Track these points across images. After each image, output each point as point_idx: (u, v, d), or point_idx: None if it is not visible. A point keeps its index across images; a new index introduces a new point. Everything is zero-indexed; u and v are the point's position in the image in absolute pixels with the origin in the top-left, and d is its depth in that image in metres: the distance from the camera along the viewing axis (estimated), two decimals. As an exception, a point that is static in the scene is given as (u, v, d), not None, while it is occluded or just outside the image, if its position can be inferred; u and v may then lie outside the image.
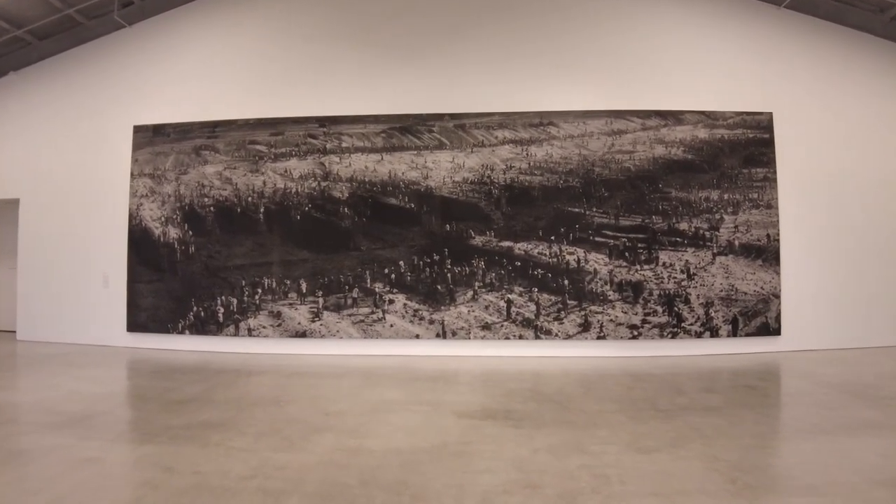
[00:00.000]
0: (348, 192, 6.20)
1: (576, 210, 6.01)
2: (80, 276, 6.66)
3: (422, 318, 6.00)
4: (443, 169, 6.14)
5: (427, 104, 6.28)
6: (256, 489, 2.38)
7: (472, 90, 6.28)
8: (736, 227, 5.99)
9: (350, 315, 6.06)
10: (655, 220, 5.99)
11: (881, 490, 2.37)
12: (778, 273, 5.98)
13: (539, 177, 6.09)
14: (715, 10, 6.43)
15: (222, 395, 4.18)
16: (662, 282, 5.92)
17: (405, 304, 6.03)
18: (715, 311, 5.89)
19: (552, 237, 5.98)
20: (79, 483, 2.43)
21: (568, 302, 5.91)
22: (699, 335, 5.88)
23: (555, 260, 5.95)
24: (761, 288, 5.94)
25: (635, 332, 5.88)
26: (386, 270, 6.06)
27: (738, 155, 6.11)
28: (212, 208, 6.34)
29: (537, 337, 5.90)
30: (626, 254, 5.95)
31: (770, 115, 6.16)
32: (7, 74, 7.12)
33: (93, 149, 6.77)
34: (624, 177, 6.05)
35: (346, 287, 6.07)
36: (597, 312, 5.90)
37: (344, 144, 6.28)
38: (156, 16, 6.86)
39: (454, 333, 5.96)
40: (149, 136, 6.56)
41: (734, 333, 5.89)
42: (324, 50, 6.52)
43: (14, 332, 7.01)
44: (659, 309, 5.89)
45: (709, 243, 5.96)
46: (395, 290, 6.04)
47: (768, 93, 6.25)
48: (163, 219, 6.41)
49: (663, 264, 5.94)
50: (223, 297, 6.18)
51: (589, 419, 3.49)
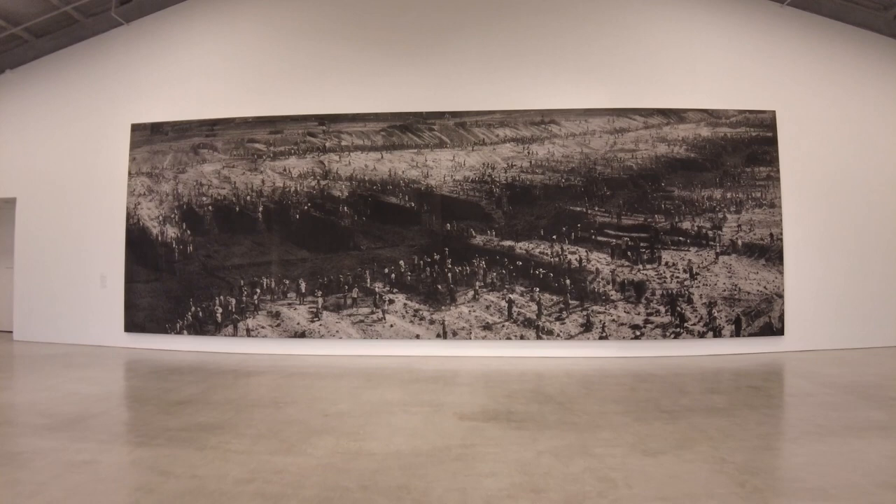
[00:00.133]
0: (348, 191, 6.15)
1: (578, 209, 5.96)
2: (77, 275, 6.61)
3: (422, 319, 5.94)
4: (443, 167, 6.09)
5: (427, 102, 6.23)
6: (254, 493, 2.33)
7: (472, 88, 6.23)
8: (739, 226, 5.95)
9: (350, 315, 6.01)
10: (658, 219, 5.94)
11: (891, 493, 2.32)
12: (781, 273, 5.93)
13: (540, 175, 6.04)
14: (718, 7, 6.38)
15: (220, 396, 4.12)
16: (665, 281, 5.87)
17: (405, 304, 5.97)
18: (718, 311, 5.84)
19: (554, 236, 5.93)
20: (72, 487, 2.37)
21: (570, 302, 5.86)
22: (702, 335, 5.84)
23: (556, 259, 5.90)
24: (764, 287, 5.90)
25: (638, 333, 5.83)
26: (386, 270, 6.01)
27: (741, 153, 6.06)
28: (210, 207, 6.28)
29: (539, 337, 5.85)
30: (629, 253, 5.90)
31: (773, 113, 6.12)
32: (3, 72, 7.07)
33: (90, 147, 6.72)
34: (626, 175, 6.00)
35: (346, 287, 6.02)
36: (599, 312, 5.85)
37: (343, 143, 6.22)
38: (153, 13, 6.81)
39: (455, 334, 5.91)
40: (146, 135, 6.50)
41: (737, 333, 5.85)
42: (323, 47, 6.47)
43: (10, 332, 6.96)
44: (661, 309, 5.84)
45: (712, 242, 5.92)
46: (395, 290, 5.99)
47: (771, 91, 6.20)
48: (161, 218, 6.36)
49: (666, 264, 5.89)
50: (221, 297, 6.13)
51: (592, 420, 3.44)
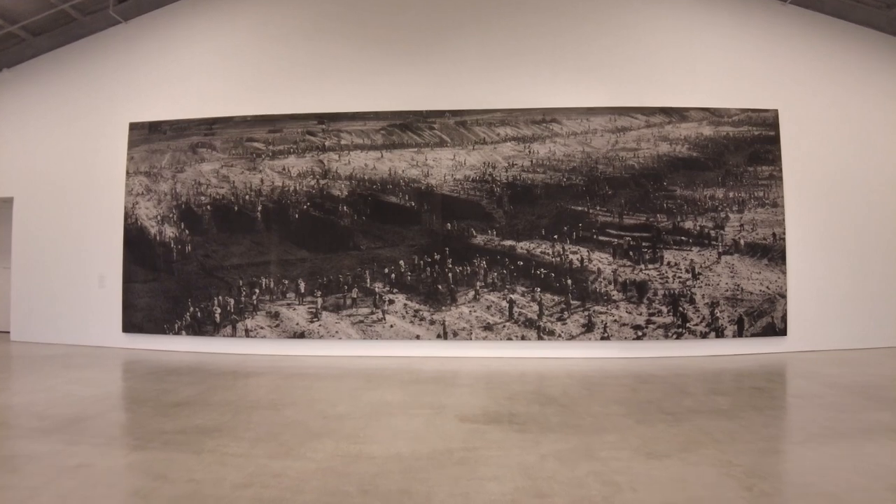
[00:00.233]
0: (347, 191, 6.10)
1: (579, 208, 5.91)
2: (74, 275, 6.56)
3: (422, 319, 5.89)
4: (444, 167, 6.04)
5: (428, 101, 6.18)
6: (252, 498, 2.28)
7: (473, 86, 6.18)
8: (741, 225, 5.90)
9: (349, 315, 5.95)
10: (660, 218, 5.89)
11: (903, 497, 2.28)
12: (784, 272, 5.89)
13: (542, 175, 5.99)
14: (719, 5, 6.34)
15: (218, 397, 4.07)
16: (667, 281, 5.83)
17: (405, 305, 5.92)
18: (720, 312, 5.80)
19: (555, 236, 5.88)
20: (65, 492, 2.32)
21: (571, 302, 5.81)
22: (704, 336, 5.79)
23: (558, 259, 5.85)
24: (767, 287, 5.85)
25: (639, 333, 5.78)
26: (386, 270, 5.95)
27: (744, 152, 6.01)
28: (208, 207, 6.23)
29: (540, 338, 5.80)
30: (631, 253, 5.85)
31: (776, 112, 6.08)
32: (1, 71, 7.02)
33: (88, 146, 6.67)
34: (628, 174, 5.96)
35: (346, 287, 5.97)
36: (600, 313, 5.80)
37: (343, 142, 6.17)
38: (152, 11, 6.76)
39: (455, 334, 5.86)
40: (145, 134, 6.45)
41: (740, 334, 5.80)
42: (323, 46, 6.42)
43: (8, 332, 6.91)
44: (664, 309, 5.79)
45: (714, 242, 5.87)
46: (395, 290, 5.94)
47: (774, 90, 6.16)
48: (159, 217, 6.30)
49: (668, 264, 5.85)
50: (220, 298, 6.08)
51: (596, 423, 3.39)
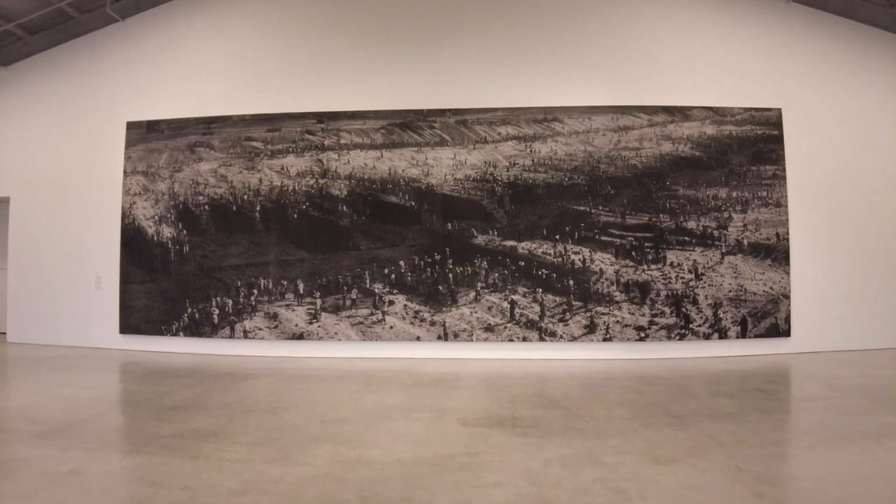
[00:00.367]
0: (347, 190, 6.03)
1: (581, 208, 5.85)
2: (71, 276, 6.49)
3: (423, 320, 5.83)
4: (444, 166, 5.97)
5: (428, 99, 6.11)
6: (249, 506, 2.22)
7: (474, 85, 6.12)
8: (745, 225, 5.84)
9: (349, 316, 5.89)
10: (663, 218, 5.83)
11: (918, 504, 2.22)
12: (787, 273, 5.83)
13: (543, 174, 5.93)
14: (722, 3, 6.28)
15: (216, 400, 4.00)
16: (670, 282, 5.77)
17: (405, 306, 5.86)
18: (723, 312, 5.74)
19: (557, 236, 5.82)
20: (57, 500, 2.25)
21: (573, 303, 5.75)
22: (707, 337, 5.73)
23: (559, 260, 5.79)
24: (770, 288, 5.80)
25: (642, 334, 5.72)
26: (386, 270, 5.89)
27: (747, 152, 5.96)
28: (206, 207, 6.16)
29: (542, 339, 5.74)
30: (633, 253, 5.79)
31: (779, 111, 6.02)
32: (-4, 69, 6.96)
33: (85, 146, 6.61)
34: (630, 174, 5.90)
35: (345, 288, 5.90)
36: (603, 313, 5.74)
37: (342, 141, 6.11)
38: (149, 10, 6.70)
39: (456, 335, 5.79)
40: (142, 133, 6.38)
41: (743, 335, 5.75)
42: (322, 44, 6.35)
43: (4, 333, 6.84)
44: (666, 310, 5.74)
45: (717, 242, 5.81)
46: (395, 291, 5.87)
47: (777, 89, 6.10)
48: (156, 217, 6.24)
49: (671, 264, 5.79)
50: (218, 298, 6.01)
51: (600, 426, 3.32)
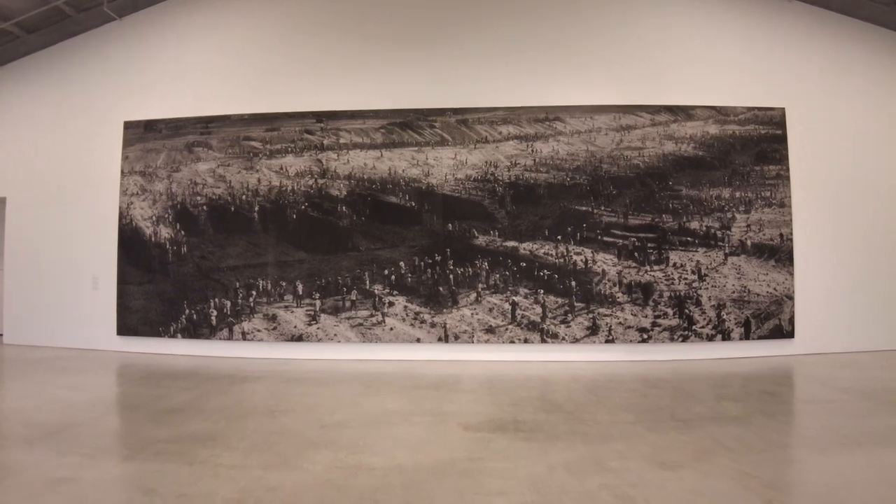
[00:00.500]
0: (346, 190, 5.98)
1: (583, 209, 5.80)
2: (68, 277, 6.42)
3: (423, 322, 5.77)
4: (445, 166, 5.92)
5: (428, 99, 6.06)
6: (245, 514, 2.16)
7: (474, 84, 6.06)
8: (748, 226, 5.79)
9: (348, 318, 5.83)
10: (665, 218, 5.78)
11: (932, 512, 2.16)
12: (791, 274, 5.77)
13: (545, 174, 5.87)
14: (725, 2, 6.22)
15: (213, 403, 3.95)
16: (673, 283, 5.71)
17: (406, 307, 5.80)
18: (727, 314, 5.68)
19: (559, 237, 5.77)
20: (49, 507, 2.20)
21: (575, 304, 5.69)
22: (711, 338, 5.68)
23: (561, 260, 5.74)
24: (774, 289, 5.74)
25: (645, 336, 5.66)
26: (386, 272, 5.83)
27: (750, 152, 5.90)
28: (205, 207, 6.10)
29: (543, 341, 5.68)
30: (636, 254, 5.73)
31: (783, 110, 5.97)
32: (-7, 69, 6.90)
33: (82, 145, 6.54)
34: (633, 174, 5.84)
35: (345, 289, 5.84)
36: (605, 315, 5.68)
37: (342, 140, 6.05)
38: (147, 8, 6.63)
39: (457, 337, 5.73)
40: (139, 133, 6.32)
41: (746, 336, 5.69)
42: (321, 42, 6.30)
43: (0, 335, 6.78)
44: (669, 311, 5.68)
45: (720, 243, 5.76)
46: (395, 292, 5.82)
47: (781, 88, 6.05)
48: (154, 218, 6.18)
49: (674, 265, 5.73)
50: (216, 300, 5.95)
51: (604, 430, 3.27)
